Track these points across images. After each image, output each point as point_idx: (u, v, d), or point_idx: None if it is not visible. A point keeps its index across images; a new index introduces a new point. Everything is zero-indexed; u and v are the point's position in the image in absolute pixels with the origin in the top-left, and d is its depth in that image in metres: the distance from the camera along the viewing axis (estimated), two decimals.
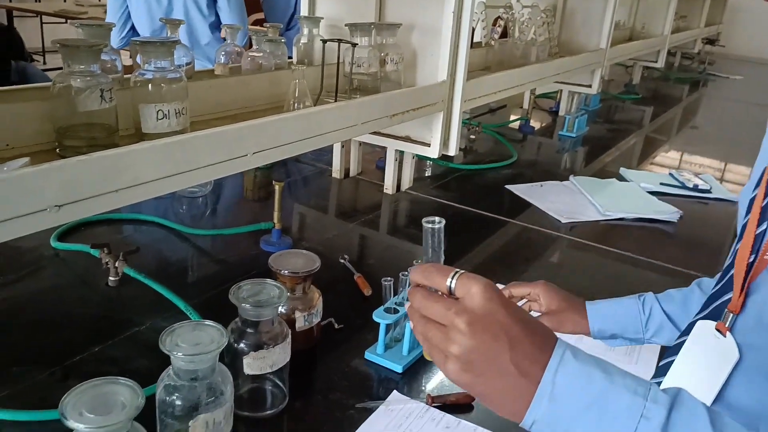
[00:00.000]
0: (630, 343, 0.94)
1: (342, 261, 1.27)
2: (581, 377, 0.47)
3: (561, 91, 2.80)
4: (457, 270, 0.51)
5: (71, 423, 0.56)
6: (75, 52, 0.84)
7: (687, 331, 0.72)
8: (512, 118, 2.65)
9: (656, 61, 3.78)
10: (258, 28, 1.48)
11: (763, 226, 0.67)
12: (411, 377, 0.95)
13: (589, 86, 2.59)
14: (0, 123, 0.85)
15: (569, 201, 1.74)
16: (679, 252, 1.52)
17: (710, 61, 5.25)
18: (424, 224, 0.60)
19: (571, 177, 1.91)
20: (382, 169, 1.81)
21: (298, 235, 1.42)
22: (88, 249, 1.17)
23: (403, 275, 0.98)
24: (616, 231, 1.59)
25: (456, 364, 0.48)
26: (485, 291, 0.48)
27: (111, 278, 1.10)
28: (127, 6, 2.37)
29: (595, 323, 0.92)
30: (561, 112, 2.76)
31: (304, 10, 1.59)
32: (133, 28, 2.41)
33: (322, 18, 1.47)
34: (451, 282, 0.50)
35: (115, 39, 2.30)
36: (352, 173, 1.80)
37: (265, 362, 0.80)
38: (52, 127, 0.88)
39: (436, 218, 0.59)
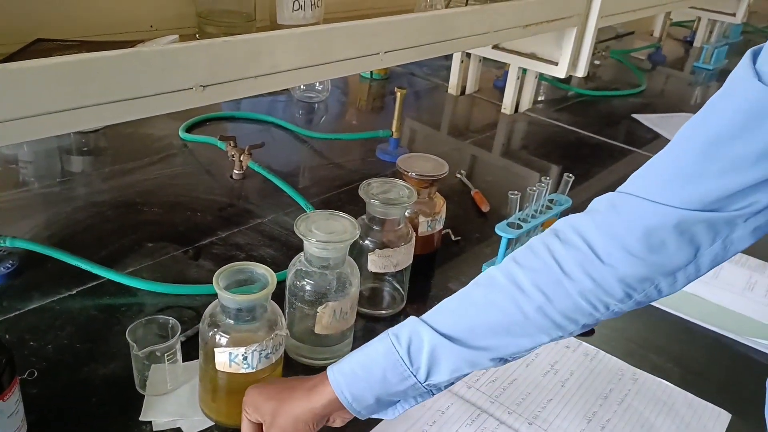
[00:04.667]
0: (411, 402, 0.59)
1: (458, 176, 1.24)
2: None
3: (698, 19, 2.55)
4: None
5: (222, 293, 0.58)
6: None
7: None
8: (638, 46, 2.45)
9: None
10: None
11: None
12: None
13: (733, 15, 2.34)
14: (145, 4, 0.86)
15: None
16: None
17: None
18: None
19: None
20: (499, 88, 1.73)
21: (409, 148, 1.40)
22: (215, 141, 1.20)
23: (530, 190, 0.94)
24: None
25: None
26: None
27: (235, 171, 1.13)
28: None
29: (344, 391, 0.56)
30: (696, 43, 2.52)
31: None
32: None
33: None
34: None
35: None
36: (468, 90, 1.73)
37: (389, 261, 0.80)
38: (193, 11, 0.89)
39: None
